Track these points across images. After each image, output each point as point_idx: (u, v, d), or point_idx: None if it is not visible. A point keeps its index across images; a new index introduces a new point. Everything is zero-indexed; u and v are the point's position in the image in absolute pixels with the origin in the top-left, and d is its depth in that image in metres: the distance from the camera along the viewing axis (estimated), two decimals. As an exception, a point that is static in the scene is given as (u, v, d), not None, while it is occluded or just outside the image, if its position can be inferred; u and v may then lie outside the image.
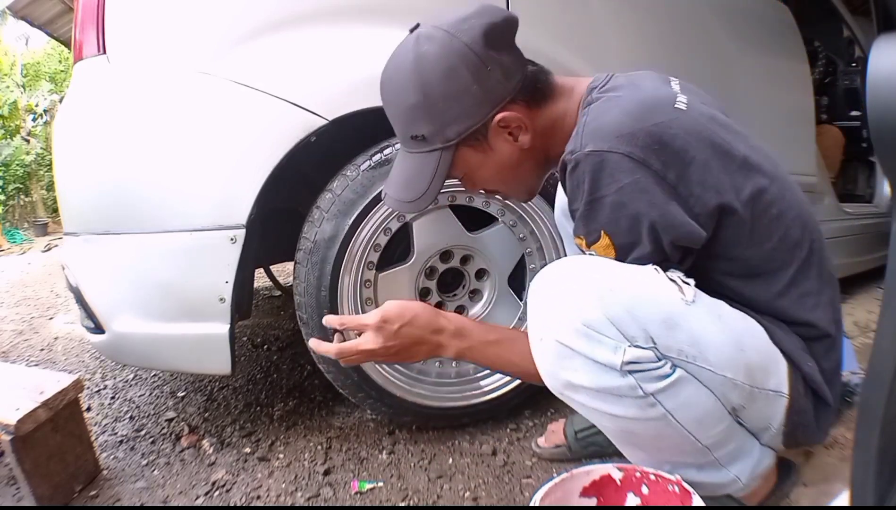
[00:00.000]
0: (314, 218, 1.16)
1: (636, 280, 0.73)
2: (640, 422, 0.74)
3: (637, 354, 0.69)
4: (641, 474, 0.81)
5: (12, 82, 9.41)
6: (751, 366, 0.75)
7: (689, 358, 0.72)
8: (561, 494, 0.80)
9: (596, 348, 0.69)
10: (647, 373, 0.70)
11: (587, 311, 0.69)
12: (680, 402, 0.72)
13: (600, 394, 0.72)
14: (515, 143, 0.85)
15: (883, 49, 0.33)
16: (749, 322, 0.79)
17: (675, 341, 0.71)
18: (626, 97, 0.78)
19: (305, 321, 1.19)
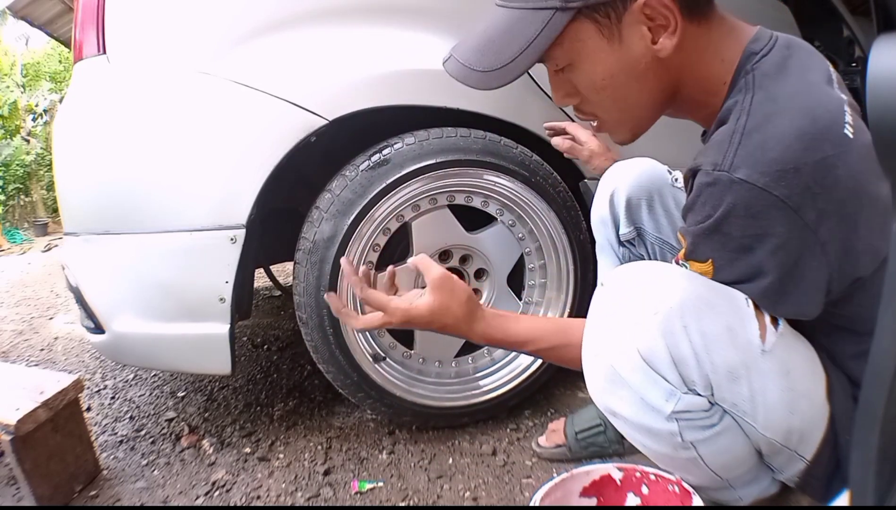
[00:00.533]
0: (313, 218, 1.16)
1: (718, 311, 0.63)
2: (667, 458, 0.72)
3: (689, 402, 0.64)
4: (641, 474, 0.81)
5: (12, 82, 9.40)
6: (792, 430, 0.68)
7: (740, 413, 0.66)
8: (561, 494, 0.80)
9: (649, 388, 0.64)
10: (693, 421, 0.65)
11: (652, 345, 0.62)
12: (715, 450, 0.69)
13: (640, 429, 0.68)
14: (653, 45, 0.64)
15: (883, 49, 0.33)
16: (816, 382, 0.69)
17: (732, 395, 0.65)
18: (798, 106, 0.60)
19: (305, 321, 1.19)
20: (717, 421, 0.66)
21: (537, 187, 1.25)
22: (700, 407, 0.64)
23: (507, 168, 1.21)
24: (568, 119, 1.26)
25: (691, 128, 0.77)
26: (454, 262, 1.30)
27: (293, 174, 1.19)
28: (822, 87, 0.63)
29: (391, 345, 1.27)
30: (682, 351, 0.62)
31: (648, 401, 0.64)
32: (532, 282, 1.37)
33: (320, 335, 1.18)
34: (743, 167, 0.59)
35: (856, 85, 2.36)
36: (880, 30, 0.64)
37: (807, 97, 0.62)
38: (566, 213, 1.28)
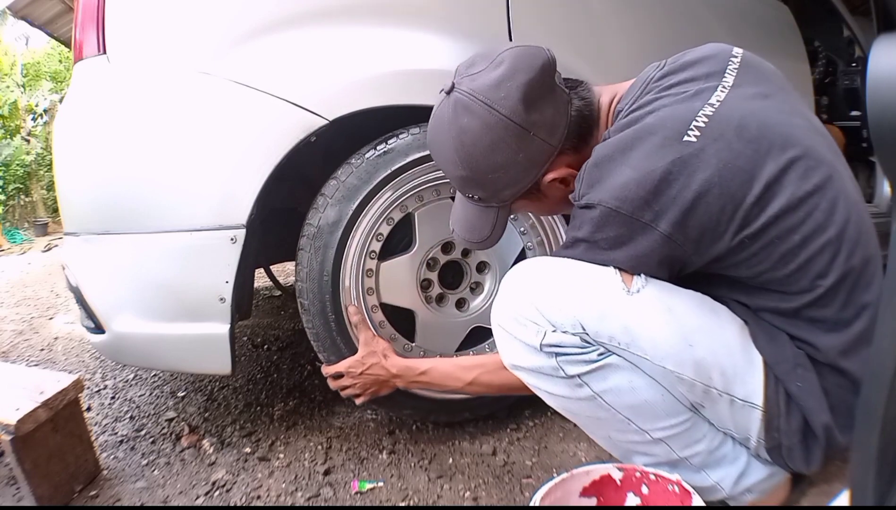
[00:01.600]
0: (318, 204, 1.17)
1: (577, 274, 0.78)
2: (572, 402, 0.81)
3: (558, 339, 0.76)
4: (641, 474, 0.81)
5: (12, 82, 9.40)
6: (702, 363, 0.75)
7: (620, 344, 0.76)
8: (561, 494, 0.80)
9: (522, 332, 0.79)
10: (570, 356, 0.77)
11: (520, 302, 0.79)
12: (609, 387, 0.77)
13: (534, 373, 0.81)
14: (567, 187, 0.88)
15: (883, 49, 0.33)
16: (715, 320, 0.78)
17: (606, 328, 0.76)
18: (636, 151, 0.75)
19: (307, 308, 1.19)
20: (596, 357, 0.77)
21: None
22: (572, 343, 0.77)
23: None
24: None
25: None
26: (456, 255, 1.30)
27: (293, 174, 1.19)
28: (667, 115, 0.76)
29: (392, 337, 1.27)
30: (545, 302, 0.78)
31: (525, 342, 0.79)
32: None
33: (322, 322, 1.18)
34: (588, 193, 0.77)
35: (856, 85, 2.36)
36: (880, 30, 0.64)
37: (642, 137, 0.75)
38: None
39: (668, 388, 0.77)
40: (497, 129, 0.81)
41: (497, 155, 0.83)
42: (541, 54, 0.84)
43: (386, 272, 1.24)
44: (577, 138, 0.87)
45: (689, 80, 0.80)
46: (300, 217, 1.22)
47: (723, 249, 0.74)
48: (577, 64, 1.30)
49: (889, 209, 2.33)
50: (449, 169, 0.89)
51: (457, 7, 1.22)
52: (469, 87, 0.83)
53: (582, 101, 0.87)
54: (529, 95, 0.81)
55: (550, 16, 1.29)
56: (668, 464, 0.81)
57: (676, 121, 0.74)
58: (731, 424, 0.79)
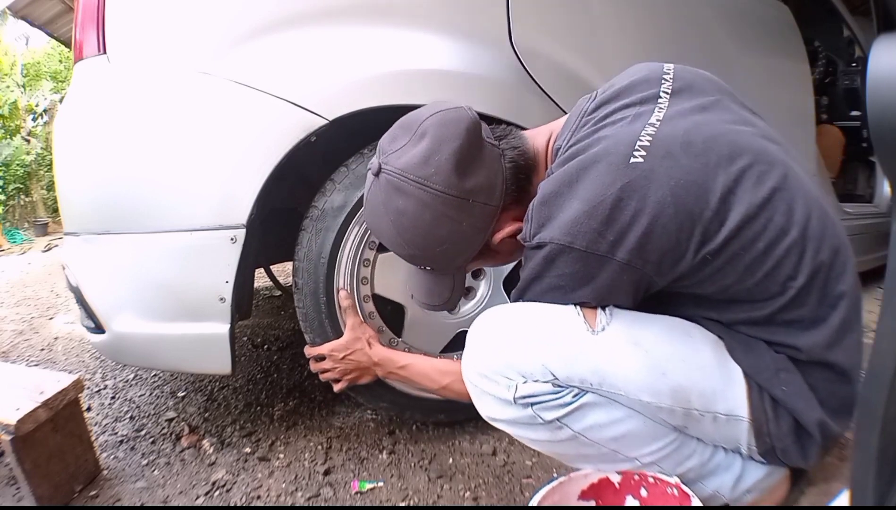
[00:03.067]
0: (326, 189, 1.18)
1: (541, 320, 0.78)
2: (556, 444, 0.79)
3: (530, 389, 0.75)
4: (640, 477, 0.80)
5: (12, 82, 9.40)
6: (679, 389, 0.74)
7: (593, 386, 0.75)
8: (559, 497, 0.80)
9: (494, 387, 0.78)
10: (544, 403, 0.76)
11: (488, 357, 0.79)
12: (589, 424, 0.76)
13: (513, 424, 0.79)
14: (517, 239, 0.85)
15: (883, 49, 0.33)
16: (686, 343, 0.77)
17: (575, 372, 0.75)
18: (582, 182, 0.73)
19: (300, 287, 1.20)
20: (570, 399, 0.76)
21: None
22: (543, 390, 0.75)
23: None
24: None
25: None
26: None
27: (293, 174, 1.19)
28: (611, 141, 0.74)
29: (380, 328, 1.27)
30: (511, 355, 0.77)
31: (497, 396, 0.78)
32: None
33: (313, 302, 1.19)
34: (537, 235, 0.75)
35: (856, 85, 2.36)
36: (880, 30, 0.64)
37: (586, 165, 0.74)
38: None
39: (650, 416, 0.77)
40: (435, 205, 0.80)
41: (440, 229, 0.82)
42: (463, 116, 0.82)
43: (382, 264, 1.25)
44: (518, 190, 0.86)
45: (624, 106, 0.79)
46: (300, 217, 1.22)
47: (685, 268, 0.72)
48: (577, 63, 1.30)
49: (889, 209, 2.33)
50: (396, 250, 0.88)
51: (457, 7, 1.22)
52: (396, 167, 0.81)
53: (515, 151, 0.86)
54: (461, 164, 0.79)
55: (550, 16, 1.29)
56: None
57: (620, 145, 0.72)
58: (719, 438, 0.79)
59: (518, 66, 1.23)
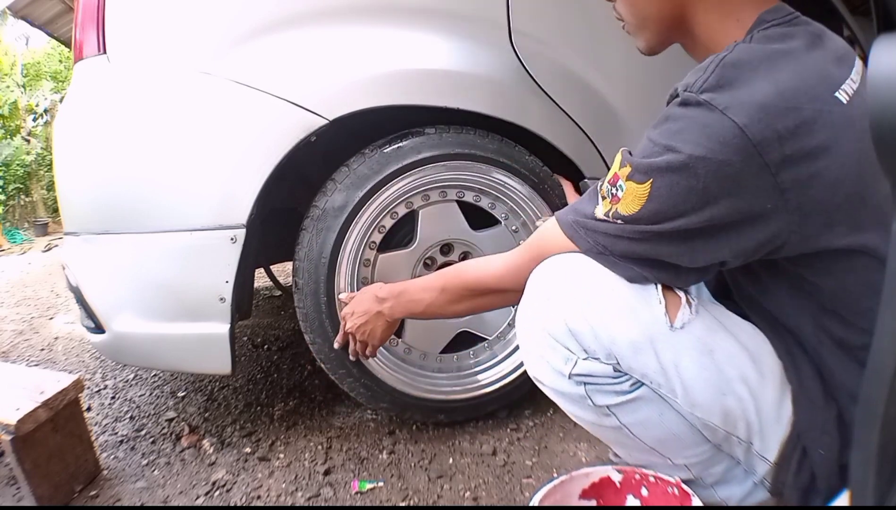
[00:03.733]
0: (327, 188, 1.18)
1: (617, 294, 0.70)
2: (599, 428, 0.77)
3: (590, 368, 0.71)
4: (641, 476, 0.80)
5: (12, 82, 9.40)
6: (731, 414, 0.71)
7: (653, 384, 0.71)
8: (560, 496, 0.79)
9: (551, 355, 0.73)
10: (599, 386, 0.72)
11: (552, 322, 0.72)
12: (638, 420, 0.73)
13: (558, 395, 0.76)
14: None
15: (883, 49, 0.33)
16: (755, 369, 0.71)
17: (639, 365, 0.70)
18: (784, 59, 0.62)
19: (300, 287, 1.20)
20: (628, 388, 0.72)
21: (545, 195, 1.27)
22: (603, 372, 0.71)
23: (518, 171, 1.24)
24: (569, 119, 1.26)
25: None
26: (454, 257, 1.31)
27: (293, 174, 1.19)
28: (820, 58, 0.64)
29: None
30: (580, 325, 0.70)
31: (554, 366, 0.73)
32: None
33: (313, 302, 1.19)
34: (710, 92, 0.61)
35: (856, 85, 2.36)
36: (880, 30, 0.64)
37: (797, 58, 0.63)
38: None
39: (695, 424, 0.74)
40: None
41: None
42: None
43: (383, 264, 1.25)
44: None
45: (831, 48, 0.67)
46: (300, 217, 1.22)
47: (824, 245, 0.63)
48: (577, 63, 1.30)
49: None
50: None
51: (457, 7, 1.22)
52: None
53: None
54: None
55: (551, 16, 1.29)
56: (684, 481, 0.79)
57: (829, 69, 0.63)
58: (743, 460, 0.77)
59: (518, 66, 1.23)
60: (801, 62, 0.62)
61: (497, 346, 1.37)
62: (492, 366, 1.35)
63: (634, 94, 1.33)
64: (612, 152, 1.32)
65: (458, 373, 1.34)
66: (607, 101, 1.31)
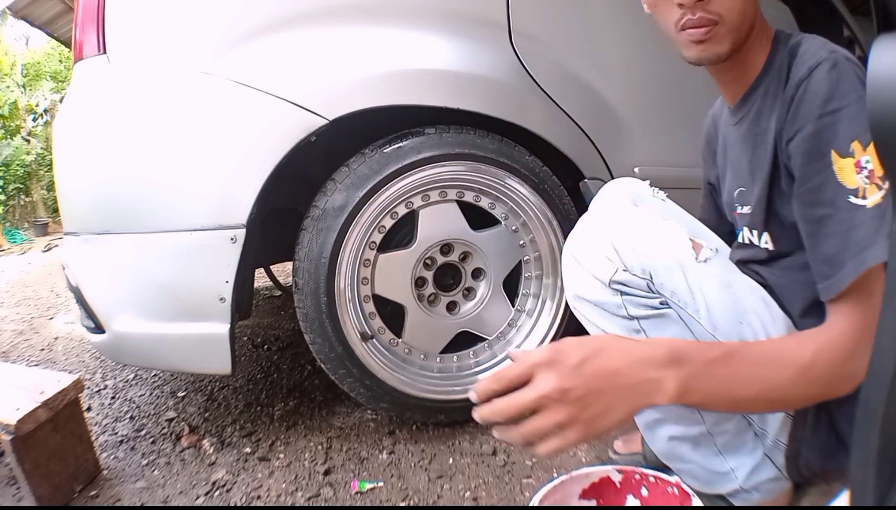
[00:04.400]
0: (327, 188, 1.18)
1: (657, 229, 0.81)
2: None
3: (627, 278, 0.77)
4: (641, 476, 0.80)
5: (12, 82, 9.40)
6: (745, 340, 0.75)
7: (679, 302, 0.77)
8: (560, 496, 0.79)
9: (595, 265, 0.80)
10: (634, 298, 0.78)
11: (598, 237, 0.81)
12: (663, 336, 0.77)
13: (596, 308, 0.81)
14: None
15: (883, 49, 0.33)
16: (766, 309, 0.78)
17: (670, 282, 0.77)
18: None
19: (301, 287, 1.20)
20: (658, 305, 0.77)
21: (545, 195, 1.27)
22: (639, 285, 0.77)
23: (518, 171, 1.24)
24: (569, 119, 1.26)
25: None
26: (454, 257, 1.31)
27: (293, 174, 1.19)
28: None
29: (380, 329, 1.28)
30: (621, 242, 0.78)
31: (595, 275, 0.79)
32: (527, 290, 1.37)
33: (313, 302, 1.19)
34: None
35: (856, 85, 2.36)
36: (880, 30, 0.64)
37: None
38: (569, 226, 1.29)
39: None
40: None
41: None
42: None
43: (383, 264, 1.25)
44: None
45: None
46: (300, 217, 1.22)
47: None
48: (577, 63, 1.30)
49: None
50: None
51: (457, 7, 1.22)
52: None
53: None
54: None
55: (551, 16, 1.29)
56: (692, 441, 0.81)
57: None
58: (755, 415, 0.79)
59: (518, 67, 1.23)
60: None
61: (497, 346, 1.37)
62: (492, 367, 1.35)
63: (634, 94, 1.34)
64: (612, 152, 1.32)
65: (458, 374, 1.34)
66: (607, 101, 1.31)
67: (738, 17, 0.73)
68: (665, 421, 0.84)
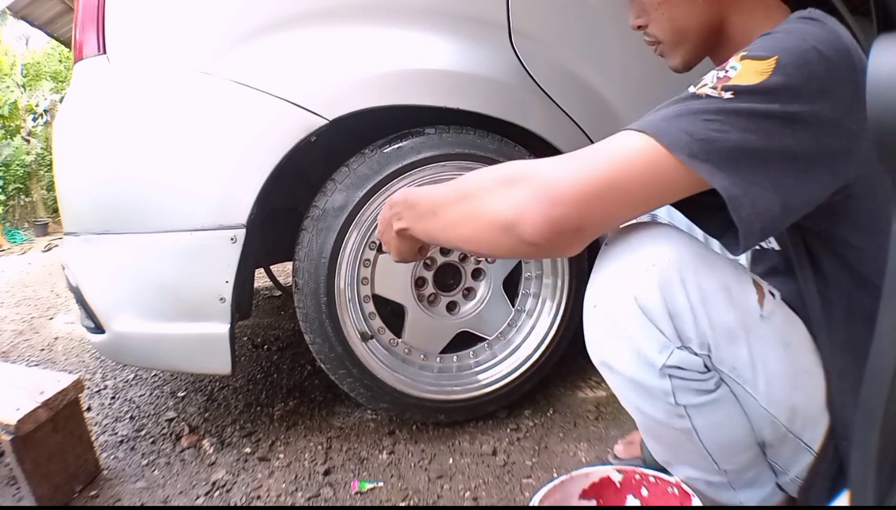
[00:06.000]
0: (327, 188, 1.18)
1: (716, 269, 0.64)
2: (664, 427, 0.70)
3: (684, 359, 0.64)
4: (641, 476, 0.80)
5: (12, 82, 9.40)
6: (796, 409, 0.69)
7: (740, 379, 0.66)
8: (560, 496, 0.79)
9: (644, 338, 0.63)
10: (688, 382, 0.65)
11: (649, 294, 0.62)
12: (711, 423, 0.68)
13: (634, 385, 0.67)
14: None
15: (883, 49, 0.33)
16: (814, 360, 0.70)
17: (732, 356, 0.64)
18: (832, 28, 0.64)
19: (300, 287, 1.20)
20: (713, 387, 0.66)
21: None
22: (695, 366, 0.64)
23: None
24: (568, 119, 1.26)
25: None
26: (454, 257, 1.31)
27: (293, 174, 1.19)
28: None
29: (380, 329, 1.28)
30: (679, 304, 0.62)
31: (642, 353, 0.64)
32: (527, 290, 1.37)
33: (313, 303, 1.19)
34: (818, 19, 0.62)
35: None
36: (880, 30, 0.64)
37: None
38: None
39: (754, 427, 0.70)
40: None
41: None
42: None
43: (383, 264, 1.25)
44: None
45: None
46: (300, 217, 1.22)
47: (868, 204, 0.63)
48: (577, 63, 1.30)
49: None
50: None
51: (457, 7, 1.22)
52: None
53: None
54: None
55: (551, 16, 1.29)
56: (706, 482, 0.77)
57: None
58: (782, 461, 0.74)
59: (518, 66, 1.23)
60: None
61: (497, 346, 1.37)
62: (492, 367, 1.35)
63: (634, 93, 1.33)
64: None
65: (458, 374, 1.34)
66: (607, 101, 1.31)
67: (675, 35, 0.76)
68: (683, 463, 0.77)
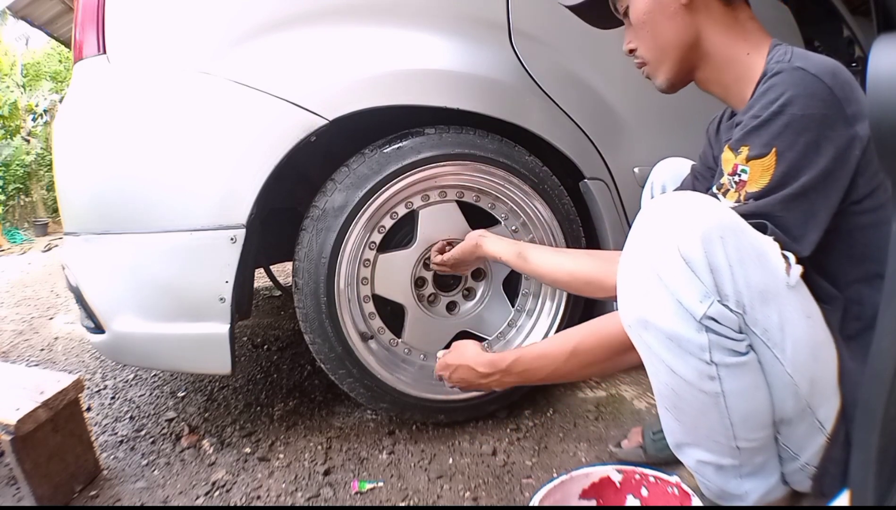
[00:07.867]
0: (326, 188, 1.18)
1: (751, 236, 0.66)
2: (692, 390, 0.69)
3: (722, 313, 0.64)
4: (641, 476, 0.80)
5: (12, 82, 9.40)
6: (815, 381, 0.70)
7: (770, 342, 0.67)
8: (560, 496, 0.79)
9: (686, 287, 0.64)
10: (723, 339, 0.65)
11: (692, 246, 0.64)
12: (738, 388, 0.68)
13: (669, 342, 0.67)
14: (689, 22, 0.82)
15: (883, 49, 0.33)
16: (829, 337, 0.72)
17: (765, 317, 0.66)
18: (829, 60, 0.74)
19: (300, 287, 1.20)
20: (744, 350, 0.67)
21: (545, 195, 1.27)
22: (731, 323, 0.65)
23: (518, 171, 1.24)
24: (568, 119, 1.26)
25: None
26: None
27: (293, 174, 1.19)
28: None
29: (380, 329, 1.28)
30: (719, 260, 0.64)
31: (683, 302, 0.65)
32: (527, 290, 1.37)
33: (313, 303, 1.19)
34: (799, 62, 0.72)
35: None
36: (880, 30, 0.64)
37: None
38: (568, 226, 1.30)
39: (776, 400, 0.71)
40: None
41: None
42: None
43: (383, 264, 1.25)
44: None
45: None
46: (300, 217, 1.22)
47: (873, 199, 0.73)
48: (577, 64, 1.30)
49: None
50: None
51: (457, 7, 1.22)
52: None
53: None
54: None
55: (550, 16, 1.29)
56: (719, 466, 0.76)
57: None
58: (794, 442, 0.74)
59: (518, 67, 1.23)
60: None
61: (497, 346, 1.37)
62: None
63: (634, 93, 1.33)
64: (612, 152, 1.32)
65: None
66: (607, 101, 1.31)
67: (657, 52, 0.86)
68: (696, 445, 0.76)
